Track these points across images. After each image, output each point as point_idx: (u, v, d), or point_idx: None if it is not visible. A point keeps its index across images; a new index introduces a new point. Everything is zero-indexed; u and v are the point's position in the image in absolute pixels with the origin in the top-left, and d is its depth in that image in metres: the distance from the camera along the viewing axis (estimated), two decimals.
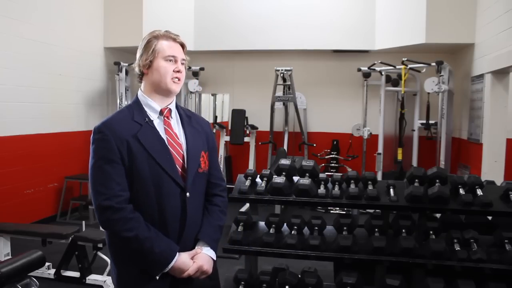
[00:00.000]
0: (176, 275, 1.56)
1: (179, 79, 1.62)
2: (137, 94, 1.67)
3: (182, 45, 1.67)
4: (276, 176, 2.66)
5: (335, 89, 7.06)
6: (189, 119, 1.71)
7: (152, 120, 1.60)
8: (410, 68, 5.76)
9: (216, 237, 1.70)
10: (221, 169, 1.78)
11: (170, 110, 1.65)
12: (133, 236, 1.49)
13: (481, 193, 2.40)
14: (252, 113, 7.01)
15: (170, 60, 1.60)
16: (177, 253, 1.56)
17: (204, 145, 1.69)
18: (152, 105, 1.62)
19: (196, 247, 1.64)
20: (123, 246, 1.56)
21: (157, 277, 1.54)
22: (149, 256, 1.51)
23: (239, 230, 2.60)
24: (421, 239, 2.49)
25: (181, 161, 1.60)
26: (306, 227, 2.69)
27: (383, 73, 6.02)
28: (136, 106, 1.62)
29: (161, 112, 1.62)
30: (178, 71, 1.61)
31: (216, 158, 1.79)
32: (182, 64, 1.64)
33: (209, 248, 1.66)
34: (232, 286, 2.53)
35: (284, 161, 2.72)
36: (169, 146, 1.58)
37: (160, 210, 1.55)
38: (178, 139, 1.62)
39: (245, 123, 6.82)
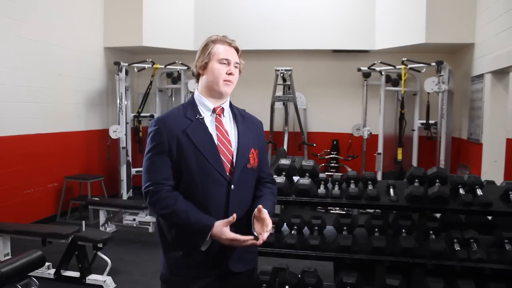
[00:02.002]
0: (222, 243, 1.61)
1: (230, 81, 1.72)
2: (193, 94, 1.79)
3: (237, 50, 1.76)
4: (276, 176, 2.66)
5: (335, 89, 7.06)
6: (242, 117, 1.81)
7: (203, 117, 1.70)
8: (410, 68, 5.77)
9: (271, 211, 1.74)
10: None
11: (222, 108, 1.75)
12: (170, 212, 1.61)
13: (481, 193, 2.40)
14: (252, 112, 6.88)
15: (223, 63, 1.70)
16: (216, 221, 1.62)
17: (254, 143, 1.78)
18: (206, 104, 1.73)
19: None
20: (168, 226, 1.68)
21: (203, 248, 1.61)
22: (188, 227, 1.60)
23: None
24: (421, 239, 2.49)
25: (230, 157, 1.69)
26: (306, 227, 2.69)
27: (383, 73, 6.02)
28: (191, 104, 1.75)
29: (213, 110, 1.73)
30: (230, 74, 1.71)
31: (266, 157, 1.89)
32: (236, 67, 1.73)
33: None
34: None
35: (284, 161, 2.72)
36: (218, 142, 1.68)
37: (205, 200, 1.65)
38: (228, 136, 1.73)
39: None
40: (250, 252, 1.77)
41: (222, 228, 1.59)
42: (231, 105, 1.81)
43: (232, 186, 1.66)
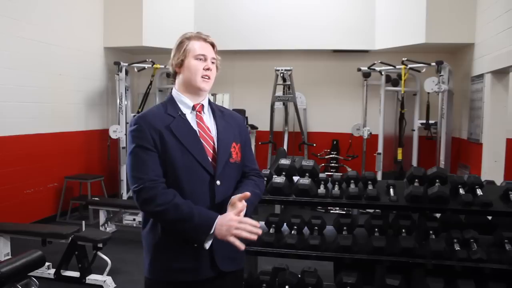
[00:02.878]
0: (223, 233, 1.53)
1: (208, 77, 1.69)
2: (171, 92, 1.75)
3: (213, 45, 1.73)
4: (276, 176, 2.66)
5: (335, 89, 7.06)
6: (221, 113, 1.78)
7: (185, 114, 1.68)
8: (410, 68, 5.76)
9: (252, 200, 1.68)
10: None
11: (202, 105, 1.72)
12: (170, 206, 1.53)
13: (481, 193, 2.40)
14: (252, 113, 7.01)
15: (200, 59, 1.67)
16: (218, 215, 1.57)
17: (236, 137, 1.75)
18: (185, 101, 1.70)
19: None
20: (162, 222, 1.60)
21: (207, 246, 1.55)
22: (190, 220, 1.53)
23: None
24: (421, 239, 2.49)
25: (212, 152, 1.67)
26: (306, 227, 2.69)
27: (383, 73, 6.02)
28: (170, 102, 1.71)
29: (193, 108, 1.70)
30: (208, 69, 1.68)
31: (250, 151, 1.86)
32: (213, 62, 1.70)
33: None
34: None
35: (284, 161, 2.72)
36: (200, 138, 1.66)
37: (191, 197, 1.60)
38: (210, 132, 1.70)
39: (245, 123, 6.81)
40: (237, 251, 1.69)
41: (229, 213, 1.55)
42: (210, 102, 1.77)
43: (218, 182, 1.63)
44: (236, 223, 1.53)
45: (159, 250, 1.63)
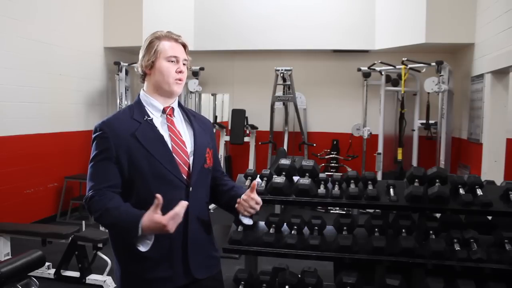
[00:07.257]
0: (158, 231, 1.44)
1: (181, 80, 1.63)
2: (139, 94, 1.68)
3: (184, 46, 1.67)
4: (276, 176, 2.66)
5: (335, 89, 7.06)
6: (194, 117, 1.73)
7: (152, 119, 1.60)
8: (410, 68, 5.76)
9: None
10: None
11: (172, 108, 1.67)
12: (103, 211, 1.48)
13: (481, 193, 2.40)
14: (252, 113, 7.01)
15: (172, 61, 1.61)
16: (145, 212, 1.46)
17: (209, 142, 1.73)
18: (155, 104, 1.63)
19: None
20: (112, 233, 1.60)
21: (142, 249, 1.46)
22: (119, 224, 1.47)
23: (239, 230, 2.60)
24: (421, 239, 2.49)
25: (185, 158, 1.61)
26: (306, 227, 2.69)
27: (383, 73, 6.02)
28: (137, 105, 1.64)
29: (163, 111, 1.64)
30: (180, 72, 1.62)
31: (217, 156, 1.84)
32: (184, 64, 1.64)
33: None
34: (232, 286, 2.53)
35: (284, 161, 2.72)
36: (171, 143, 1.59)
37: (164, 205, 1.49)
38: (182, 136, 1.64)
39: (245, 123, 6.83)
40: (212, 257, 1.71)
41: (152, 216, 1.40)
42: (180, 105, 1.72)
43: (191, 188, 1.59)
44: (165, 223, 1.40)
45: (130, 260, 1.57)
